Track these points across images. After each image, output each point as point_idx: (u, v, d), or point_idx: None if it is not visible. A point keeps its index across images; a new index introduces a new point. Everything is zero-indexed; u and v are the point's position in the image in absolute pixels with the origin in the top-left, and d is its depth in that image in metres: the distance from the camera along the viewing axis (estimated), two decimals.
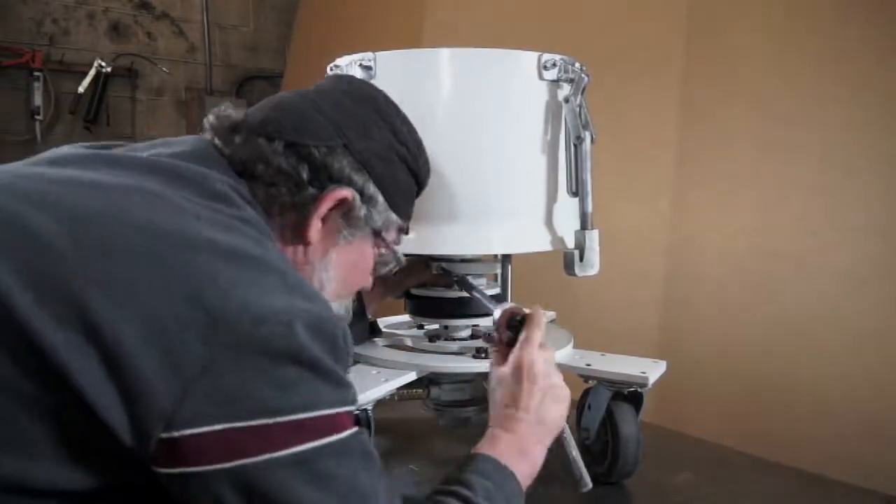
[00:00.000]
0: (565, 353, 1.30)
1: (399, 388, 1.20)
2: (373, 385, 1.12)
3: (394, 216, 0.86)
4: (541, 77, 1.17)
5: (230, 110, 0.81)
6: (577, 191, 1.21)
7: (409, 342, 1.37)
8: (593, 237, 1.20)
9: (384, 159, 0.83)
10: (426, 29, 2.52)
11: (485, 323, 1.35)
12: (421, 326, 1.46)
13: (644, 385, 1.22)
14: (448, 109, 1.16)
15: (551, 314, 1.62)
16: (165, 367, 0.56)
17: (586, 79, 1.19)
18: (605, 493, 1.29)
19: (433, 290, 1.35)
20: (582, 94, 1.18)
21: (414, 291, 1.37)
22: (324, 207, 0.78)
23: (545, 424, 0.89)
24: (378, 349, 1.31)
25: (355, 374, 1.19)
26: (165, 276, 0.59)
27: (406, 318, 1.47)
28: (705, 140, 1.76)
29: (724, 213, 1.73)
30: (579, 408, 1.33)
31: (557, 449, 1.49)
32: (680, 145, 1.81)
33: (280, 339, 0.59)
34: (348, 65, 1.16)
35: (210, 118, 0.82)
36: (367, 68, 1.15)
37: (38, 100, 3.24)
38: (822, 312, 1.54)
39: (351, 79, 0.89)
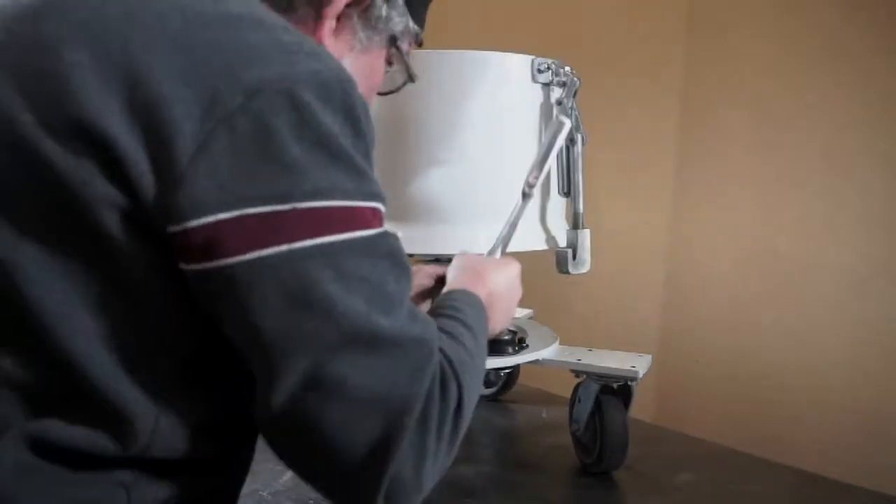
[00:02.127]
0: (553, 350, 1.34)
1: None
2: None
3: (411, 23, 0.76)
4: (534, 80, 1.18)
5: None
6: (568, 191, 1.22)
7: None
8: (585, 236, 1.22)
9: None
10: (426, 29, 2.52)
11: None
12: None
13: (634, 378, 1.26)
14: (443, 110, 1.17)
15: (528, 311, 1.63)
16: (154, 153, 0.50)
17: (577, 82, 1.20)
18: (605, 494, 1.29)
19: None
20: (574, 97, 1.20)
21: None
22: (340, 3, 0.68)
23: (494, 311, 0.83)
24: None
25: None
26: (146, 51, 0.52)
27: None
28: (705, 140, 1.76)
29: (724, 213, 1.72)
30: (571, 402, 1.36)
31: (544, 439, 1.51)
32: (680, 145, 1.81)
33: (284, 108, 0.52)
34: None
35: None
36: None
37: None
38: (822, 312, 1.54)
39: None
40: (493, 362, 1.27)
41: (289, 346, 0.52)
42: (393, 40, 0.76)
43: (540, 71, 1.18)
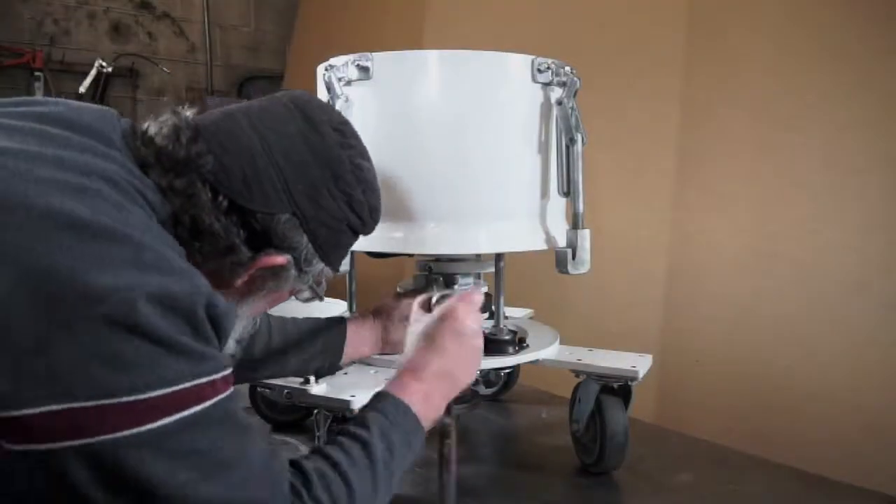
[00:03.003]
0: (553, 350, 1.33)
1: None
2: (374, 385, 1.12)
3: (327, 270, 0.82)
4: (534, 80, 1.18)
5: (185, 134, 0.73)
6: (568, 191, 1.22)
7: None
8: (584, 236, 1.22)
9: (332, 228, 0.79)
10: (427, 29, 2.52)
11: None
12: None
13: (634, 378, 1.26)
14: (442, 110, 1.16)
15: (528, 311, 1.63)
16: (1, 349, 0.56)
17: (577, 82, 1.20)
18: (605, 493, 1.29)
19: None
20: (574, 96, 1.19)
21: (402, 290, 1.38)
22: (254, 269, 0.76)
23: (453, 380, 0.90)
24: None
25: (353, 375, 1.20)
26: None
27: None
28: (706, 140, 1.76)
29: (724, 212, 1.72)
30: (571, 401, 1.36)
31: (544, 438, 1.51)
32: (680, 145, 1.80)
33: (120, 317, 0.58)
34: (344, 65, 1.16)
35: (161, 128, 0.74)
36: (365, 69, 1.15)
37: None
38: (822, 312, 1.54)
39: (320, 125, 0.79)
40: (494, 362, 1.27)
41: None
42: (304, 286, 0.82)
43: (540, 71, 1.18)
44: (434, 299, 1.02)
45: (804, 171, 1.58)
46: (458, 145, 1.16)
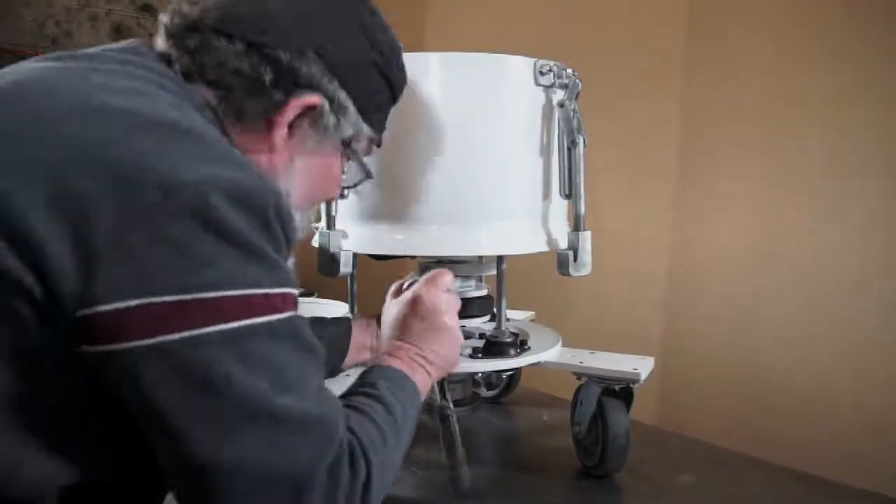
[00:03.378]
0: (554, 352, 1.33)
1: None
2: None
3: (365, 126, 0.82)
4: (536, 82, 1.18)
5: (186, 6, 0.74)
6: (570, 193, 1.22)
7: None
8: (586, 238, 1.22)
9: (357, 69, 0.79)
10: (428, 29, 2.52)
11: (472, 323, 1.36)
12: None
13: (636, 381, 1.26)
14: (444, 112, 1.16)
15: (529, 313, 1.63)
16: (74, 243, 0.55)
17: (580, 84, 1.20)
18: (606, 496, 1.29)
19: None
20: (575, 98, 1.19)
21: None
22: (290, 113, 0.74)
23: (431, 362, 0.91)
24: None
25: (355, 377, 1.20)
26: (70, 150, 0.58)
27: None
28: (706, 140, 1.76)
29: (724, 213, 1.73)
30: (572, 404, 1.36)
31: (546, 441, 1.51)
32: (680, 146, 1.81)
33: (196, 210, 0.57)
34: None
35: (164, 17, 0.75)
36: None
37: None
38: (823, 313, 1.54)
39: None
40: (495, 364, 1.27)
41: (189, 427, 0.57)
42: (346, 143, 0.82)
43: (542, 73, 1.18)
44: (405, 286, 1.03)
45: (804, 172, 1.58)
46: (460, 147, 1.16)
